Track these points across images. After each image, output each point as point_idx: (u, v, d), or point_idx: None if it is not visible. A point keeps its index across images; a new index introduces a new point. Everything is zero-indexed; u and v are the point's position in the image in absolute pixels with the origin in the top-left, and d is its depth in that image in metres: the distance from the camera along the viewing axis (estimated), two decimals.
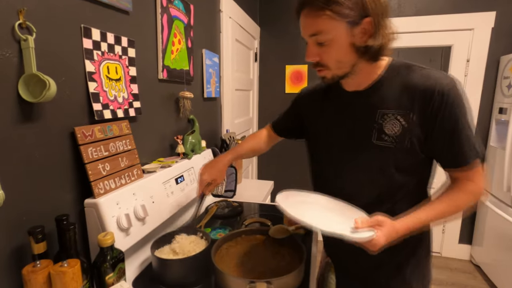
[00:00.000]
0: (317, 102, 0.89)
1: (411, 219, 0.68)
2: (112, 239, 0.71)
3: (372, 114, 0.73)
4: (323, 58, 0.69)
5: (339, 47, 0.66)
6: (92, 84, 0.80)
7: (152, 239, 0.91)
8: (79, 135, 0.75)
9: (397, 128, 0.69)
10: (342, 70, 0.70)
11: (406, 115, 0.68)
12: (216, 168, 0.96)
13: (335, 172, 0.83)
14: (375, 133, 0.72)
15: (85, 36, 0.77)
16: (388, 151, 0.71)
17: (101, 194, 0.79)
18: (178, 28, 1.22)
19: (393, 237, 0.65)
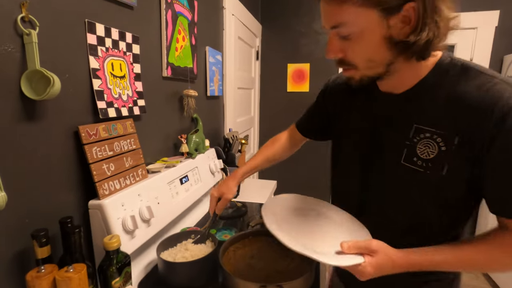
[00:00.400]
0: (344, 97, 0.74)
1: (421, 256, 0.56)
2: (118, 242, 0.68)
3: (405, 127, 0.59)
4: (348, 55, 0.55)
5: (369, 42, 0.51)
6: (97, 81, 0.77)
7: (157, 241, 0.88)
8: (83, 134, 0.72)
9: (433, 151, 0.55)
10: (373, 71, 0.55)
11: (448, 137, 0.53)
12: (225, 183, 0.88)
13: (357, 188, 0.71)
14: (406, 152, 0.59)
15: (89, 31, 0.74)
16: (418, 176, 0.57)
17: (106, 195, 0.76)
18: (182, 24, 1.19)
19: (387, 270, 0.56)
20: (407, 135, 0.58)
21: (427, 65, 0.56)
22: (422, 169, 0.56)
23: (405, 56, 0.52)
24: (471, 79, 0.52)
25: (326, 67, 2.51)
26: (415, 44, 0.49)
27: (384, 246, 0.57)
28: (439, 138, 0.54)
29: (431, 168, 0.55)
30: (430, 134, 0.55)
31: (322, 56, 2.52)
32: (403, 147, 0.59)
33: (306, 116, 0.93)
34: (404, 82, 0.59)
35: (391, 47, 0.51)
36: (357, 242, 0.57)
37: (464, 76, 0.53)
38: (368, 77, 0.57)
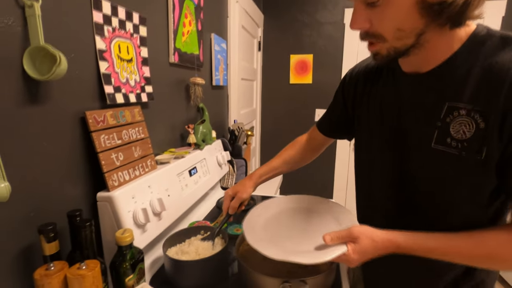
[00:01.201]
0: (364, 84, 0.69)
1: (410, 239, 0.53)
2: (131, 236, 0.63)
3: (435, 107, 0.53)
4: (375, 24, 0.49)
5: (399, 7, 0.46)
6: (103, 63, 0.71)
7: (166, 235, 0.83)
8: (91, 120, 0.67)
9: (469, 130, 0.48)
10: (402, 42, 0.49)
11: (486, 113, 0.47)
12: (241, 183, 0.86)
13: (376, 191, 0.67)
14: (437, 134, 0.52)
15: (95, 8, 0.68)
16: (450, 159, 0.51)
17: (115, 186, 0.71)
18: (189, 8, 1.13)
19: (373, 253, 0.54)
20: (437, 116, 0.52)
21: (460, 37, 0.50)
22: (457, 151, 0.50)
23: (438, 23, 0.46)
24: (511, 49, 0.47)
25: (329, 58, 2.46)
26: (452, 5, 0.43)
27: (367, 230, 0.56)
28: (477, 115, 0.48)
29: (467, 149, 0.49)
30: (466, 111, 0.49)
31: (325, 47, 2.47)
32: (433, 129, 0.53)
33: (326, 114, 0.86)
34: (433, 57, 0.53)
35: (423, 12, 0.45)
36: (338, 232, 0.57)
37: (503, 47, 0.47)
38: (395, 51, 0.51)
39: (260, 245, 0.63)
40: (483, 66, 0.48)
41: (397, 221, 0.62)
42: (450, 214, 0.56)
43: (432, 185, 0.56)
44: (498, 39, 0.48)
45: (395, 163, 0.61)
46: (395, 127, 0.61)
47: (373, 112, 0.66)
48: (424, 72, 0.55)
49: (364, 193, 0.74)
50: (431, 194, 0.57)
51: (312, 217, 0.76)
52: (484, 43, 0.49)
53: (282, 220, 0.76)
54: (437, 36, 0.49)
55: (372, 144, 0.67)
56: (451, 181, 0.53)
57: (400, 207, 0.63)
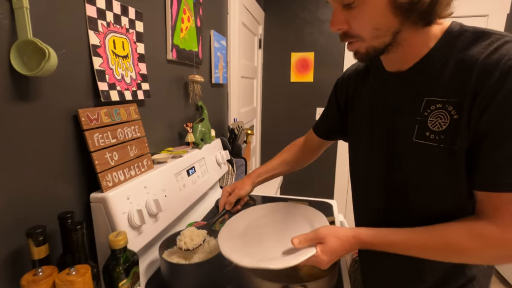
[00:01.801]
0: (354, 85, 0.72)
1: (372, 235, 0.55)
2: (125, 239, 0.60)
3: (416, 103, 0.55)
4: (353, 25, 0.52)
5: (374, 8, 0.49)
6: (97, 59, 0.69)
7: (162, 237, 0.81)
8: (84, 118, 0.64)
9: (445, 122, 0.51)
10: (380, 40, 0.52)
11: (458, 104, 0.49)
12: (240, 181, 0.87)
13: (365, 182, 0.69)
14: (417, 128, 0.55)
15: (88, 1, 0.65)
16: (430, 151, 0.53)
17: (109, 187, 0.68)
18: (187, 4, 1.10)
19: (341, 252, 0.57)
20: (417, 111, 0.55)
21: (436, 34, 0.53)
22: (435, 143, 0.52)
23: (410, 21, 0.50)
24: (481, 41, 0.49)
25: (331, 56, 2.43)
26: (419, 4, 0.46)
27: (332, 229, 0.57)
28: (451, 106, 0.50)
29: (444, 141, 0.51)
30: (441, 104, 0.51)
31: (326, 45, 2.44)
32: (414, 124, 0.55)
33: (321, 118, 0.89)
34: (412, 55, 0.55)
35: (396, 11, 0.48)
36: (306, 235, 0.58)
37: (475, 40, 0.50)
38: (374, 49, 0.53)
39: (232, 254, 0.63)
40: (456, 60, 0.50)
41: (388, 217, 0.65)
42: (436, 205, 0.57)
43: (417, 177, 0.57)
44: (470, 34, 0.51)
45: (384, 159, 0.63)
46: (383, 126, 0.63)
47: (363, 112, 0.68)
48: (405, 70, 0.57)
49: (358, 191, 0.76)
50: (418, 186, 0.58)
51: (287, 224, 0.76)
52: (458, 38, 0.51)
53: (259, 228, 0.76)
54: (413, 34, 0.52)
55: (362, 143, 0.70)
56: (433, 171, 0.54)
57: (390, 202, 0.64)
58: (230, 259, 0.61)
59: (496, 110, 0.45)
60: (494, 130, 0.46)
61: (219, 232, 0.72)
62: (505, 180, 0.46)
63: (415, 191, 0.58)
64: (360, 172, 0.73)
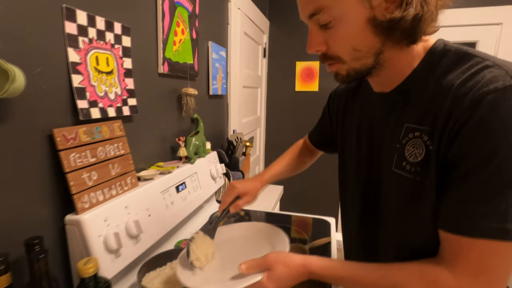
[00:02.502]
0: (345, 103, 0.71)
1: (321, 266, 0.52)
2: (95, 267, 0.57)
3: (397, 129, 0.51)
4: (331, 46, 0.49)
5: (352, 27, 0.45)
6: (77, 77, 0.67)
7: (145, 259, 0.78)
8: (59, 138, 0.62)
9: (420, 152, 0.46)
10: (361, 62, 0.48)
11: (431, 133, 0.45)
12: (252, 183, 0.79)
13: (351, 210, 0.67)
14: (396, 157, 0.51)
15: (67, 18, 0.64)
16: (407, 184, 0.48)
17: (85, 209, 0.66)
18: (181, 16, 1.08)
19: (290, 280, 0.52)
20: (397, 137, 0.51)
21: (419, 53, 0.49)
22: (410, 175, 0.48)
23: (393, 40, 0.46)
24: (461, 65, 0.44)
25: None
26: (402, 21, 0.42)
27: (282, 256, 0.54)
28: (426, 136, 0.46)
29: (420, 174, 0.46)
30: (419, 132, 0.47)
31: None
32: (394, 151, 0.52)
33: (315, 129, 0.90)
34: (395, 75, 0.51)
35: (376, 31, 0.45)
36: (255, 260, 0.55)
37: (456, 62, 0.45)
38: (355, 71, 0.50)
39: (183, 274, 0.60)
40: (436, 84, 0.46)
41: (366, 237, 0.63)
42: (415, 235, 0.51)
43: (394, 207, 0.54)
44: (453, 53, 0.46)
45: (363, 185, 0.61)
46: (368, 147, 0.60)
47: (352, 130, 0.66)
48: (387, 92, 0.54)
49: (343, 211, 0.74)
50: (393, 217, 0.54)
51: (250, 245, 0.72)
52: (440, 59, 0.47)
53: (222, 249, 0.71)
54: (396, 54, 0.48)
55: (349, 162, 0.68)
56: (409, 205, 0.50)
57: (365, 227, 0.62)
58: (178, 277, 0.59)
59: (466, 140, 0.40)
60: (462, 161, 0.41)
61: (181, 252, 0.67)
62: (466, 221, 0.40)
63: (391, 221, 0.55)
64: (346, 194, 0.71)
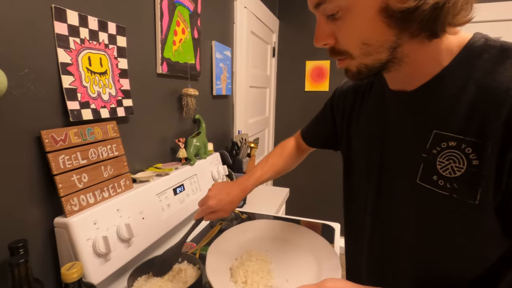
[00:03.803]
0: (353, 101, 0.64)
1: None
2: (79, 272, 0.56)
3: (422, 135, 0.44)
4: (339, 39, 0.44)
5: (361, 18, 0.40)
6: (67, 78, 0.66)
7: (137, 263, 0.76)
8: (47, 140, 0.61)
9: (460, 167, 0.39)
10: (372, 57, 0.42)
11: (481, 146, 0.38)
12: (229, 197, 0.74)
13: (359, 219, 0.60)
14: (422, 168, 0.44)
15: (57, 19, 0.63)
16: (440, 201, 0.42)
17: (74, 211, 0.65)
18: (182, 15, 1.06)
19: None
20: (423, 146, 0.44)
21: (451, 49, 0.42)
22: (446, 192, 0.41)
23: (410, 33, 0.39)
24: (511, 64, 0.37)
25: None
26: (418, 11, 0.36)
27: (339, 285, 0.45)
28: (469, 148, 0.38)
29: (458, 191, 0.40)
30: (456, 142, 0.40)
31: None
32: (418, 161, 0.45)
33: (312, 125, 0.84)
34: (419, 73, 0.44)
35: (390, 22, 0.38)
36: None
37: (503, 61, 0.38)
38: (367, 68, 0.44)
39: (216, 279, 0.54)
40: (478, 85, 0.39)
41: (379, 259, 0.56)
42: (439, 262, 0.45)
43: (417, 226, 0.46)
44: (497, 50, 0.39)
45: (375, 195, 0.54)
46: (381, 151, 0.54)
47: (361, 130, 0.60)
48: (410, 90, 0.47)
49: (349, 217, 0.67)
50: (416, 236, 0.47)
51: (290, 254, 0.66)
52: (481, 56, 0.40)
53: (256, 249, 0.66)
54: (418, 49, 0.42)
55: (357, 164, 0.61)
56: (440, 225, 0.44)
57: (380, 241, 0.54)
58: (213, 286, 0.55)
59: None
60: None
61: (210, 245, 0.64)
62: None
63: (407, 236, 0.49)
64: (354, 209, 0.63)
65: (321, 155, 1.02)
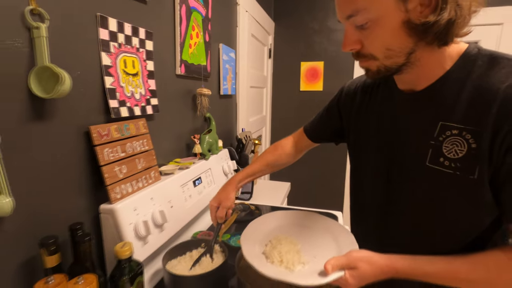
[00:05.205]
0: (360, 100, 0.70)
1: (410, 264, 0.53)
2: (130, 250, 0.64)
3: (429, 126, 0.53)
4: (365, 45, 0.51)
5: (387, 29, 0.47)
6: (109, 79, 0.73)
7: (168, 246, 0.84)
8: (95, 134, 0.68)
9: (461, 149, 0.49)
10: (392, 60, 0.50)
11: (477, 133, 0.47)
12: (224, 192, 0.84)
13: (379, 199, 0.65)
14: (431, 153, 0.53)
15: (101, 26, 0.70)
16: (447, 178, 0.51)
17: (117, 199, 0.72)
18: (196, 20, 1.14)
19: (371, 277, 0.54)
20: (431, 135, 0.53)
21: (452, 56, 0.52)
22: (451, 170, 0.51)
23: (426, 41, 0.48)
24: (500, 69, 0.47)
25: (340, 65, 2.44)
26: (435, 25, 0.44)
27: (366, 255, 0.55)
28: (468, 135, 0.49)
29: (460, 169, 0.50)
30: (458, 130, 0.50)
31: (336, 54, 2.45)
32: (427, 147, 0.54)
33: (317, 122, 0.88)
34: (426, 75, 0.54)
35: (410, 32, 0.47)
36: (337, 260, 0.56)
37: (492, 67, 0.48)
38: (386, 68, 0.52)
39: (256, 262, 0.63)
40: (474, 85, 0.49)
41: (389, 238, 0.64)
42: (447, 233, 0.55)
43: (427, 203, 0.56)
44: (488, 58, 0.49)
45: (390, 179, 0.62)
46: (392, 148, 0.61)
47: (369, 132, 0.67)
48: (419, 90, 0.56)
49: (356, 207, 0.75)
50: (427, 212, 0.56)
51: (310, 236, 0.75)
52: (475, 62, 0.50)
53: (282, 235, 0.76)
54: (428, 54, 0.50)
55: (369, 164, 0.68)
56: (447, 198, 0.53)
57: (392, 225, 0.63)
58: (254, 266, 0.61)
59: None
60: None
61: (241, 238, 0.72)
62: None
63: (422, 216, 0.57)
64: (364, 197, 0.70)
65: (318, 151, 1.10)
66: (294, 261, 0.68)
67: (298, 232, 0.79)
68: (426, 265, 0.52)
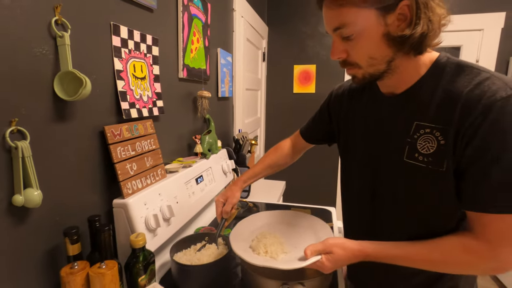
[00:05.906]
0: (348, 103, 0.77)
1: (376, 248, 0.61)
2: (144, 240, 0.69)
3: (407, 126, 0.60)
4: (351, 54, 0.58)
5: (370, 40, 0.54)
6: (120, 82, 0.79)
7: (174, 239, 0.90)
8: (109, 134, 0.74)
9: (432, 146, 0.56)
10: (375, 68, 0.58)
11: (445, 131, 0.54)
12: (230, 189, 0.91)
13: (358, 199, 0.74)
14: (407, 149, 0.60)
15: (114, 33, 0.76)
16: (421, 171, 0.58)
17: (129, 194, 0.78)
18: (197, 26, 1.21)
19: (345, 261, 0.63)
20: (408, 133, 0.60)
21: (425, 64, 0.59)
22: (424, 164, 0.58)
23: (403, 51, 0.55)
24: (465, 75, 0.55)
25: (332, 68, 2.53)
26: (411, 37, 0.52)
27: (340, 241, 0.64)
28: (438, 133, 0.56)
29: (432, 163, 0.57)
30: (430, 129, 0.57)
31: (328, 57, 2.54)
32: (405, 145, 0.61)
33: (311, 124, 0.96)
34: (404, 80, 0.61)
35: (390, 43, 0.54)
36: (315, 246, 0.65)
37: (458, 73, 0.56)
38: (370, 75, 0.59)
39: (244, 254, 0.72)
40: (444, 89, 0.56)
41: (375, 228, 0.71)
42: (425, 221, 0.62)
43: (407, 194, 0.63)
44: (455, 65, 0.57)
45: (373, 175, 0.69)
46: (376, 141, 0.68)
47: (357, 126, 0.74)
48: (398, 93, 0.63)
49: (347, 201, 0.82)
50: (406, 203, 0.63)
51: (293, 231, 0.86)
52: (444, 69, 0.57)
53: (266, 231, 0.85)
54: (406, 62, 0.58)
55: (354, 154, 0.75)
56: (422, 190, 0.60)
57: (375, 215, 0.70)
58: (241, 256, 0.69)
59: (480, 141, 0.50)
60: (479, 159, 0.51)
61: (229, 235, 0.80)
62: (492, 203, 0.52)
63: (399, 207, 0.65)
64: (353, 193, 0.77)
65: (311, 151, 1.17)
66: (278, 251, 0.76)
67: (283, 229, 0.88)
68: (391, 249, 0.60)
